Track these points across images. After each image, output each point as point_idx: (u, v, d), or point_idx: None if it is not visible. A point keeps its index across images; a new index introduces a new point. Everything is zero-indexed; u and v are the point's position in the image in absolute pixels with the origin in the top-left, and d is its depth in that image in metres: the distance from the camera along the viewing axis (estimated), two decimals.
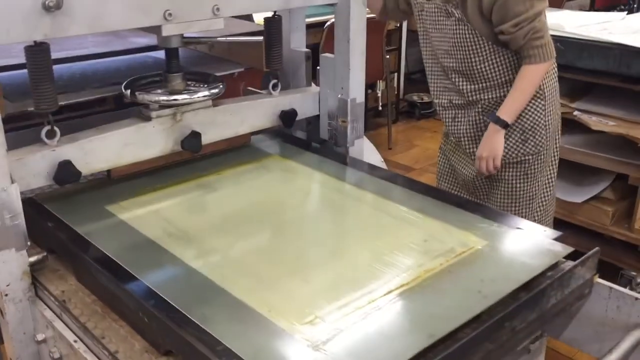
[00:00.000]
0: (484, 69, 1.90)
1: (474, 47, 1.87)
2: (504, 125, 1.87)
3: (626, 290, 1.25)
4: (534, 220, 1.67)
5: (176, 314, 0.96)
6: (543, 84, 1.94)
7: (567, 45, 2.69)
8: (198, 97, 1.46)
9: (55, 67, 1.22)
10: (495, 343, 1.00)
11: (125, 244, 1.20)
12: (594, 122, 2.72)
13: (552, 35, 1.93)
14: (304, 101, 1.69)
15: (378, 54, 4.28)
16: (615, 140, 2.73)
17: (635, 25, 2.85)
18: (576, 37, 2.70)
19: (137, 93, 1.42)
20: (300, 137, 1.79)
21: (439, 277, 1.09)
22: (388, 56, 4.63)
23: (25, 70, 1.22)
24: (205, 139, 1.49)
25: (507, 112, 1.86)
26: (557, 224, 3.02)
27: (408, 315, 1.01)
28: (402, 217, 1.33)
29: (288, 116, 1.66)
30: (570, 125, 2.81)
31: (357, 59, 1.60)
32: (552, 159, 2.10)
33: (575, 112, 2.79)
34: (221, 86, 1.51)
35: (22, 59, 1.21)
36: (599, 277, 1.26)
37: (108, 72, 1.63)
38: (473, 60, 1.89)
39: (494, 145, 1.89)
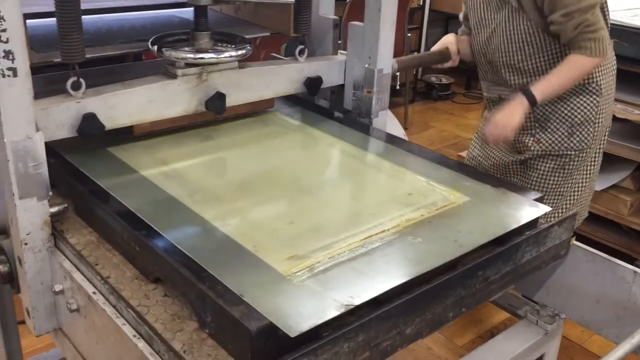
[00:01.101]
0: (535, 62, 1.85)
1: (527, 39, 1.82)
2: (532, 100, 1.81)
3: None
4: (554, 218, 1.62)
5: (167, 244, 1.02)
6: (600, 80, 1.89)
7: None
8: (225, 57, 1.43)
9: (82, 19, 1.20)
10: (468, 290, 1.05)
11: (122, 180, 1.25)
12: (619, 110, 2.67)
13: None
14: (330, 69, 1.66)
15: (400, 31, 4.22)
16: (638, 129, 2.69)
17: None
18: None
19: (164, 49, 1.40)
20: (324, 106, 1.76)
21: (418, 226, 1.14)
22: (409, 34, 4.58)
23: (52, 20, 1.20)
24: (230, 101, 1.47)
25: (539, 89, 1.80)
26: None
27: (385, 257, 1.04)
28: (392, 174, 1.40)
29: (313, 83, 1.63)
30: None
31: (387, 28, 1.57)
32: (594, 160, 2.02)
33: None
34: (249, 47, 1.48)
35: (49, 7, 1.19)
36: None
37: (134, 28, 1.60)
38: (526, 51, 1.84)
39: (513, 116, 1.82)
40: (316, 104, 1.77)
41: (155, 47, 1.41)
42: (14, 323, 1.76)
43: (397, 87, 5.23)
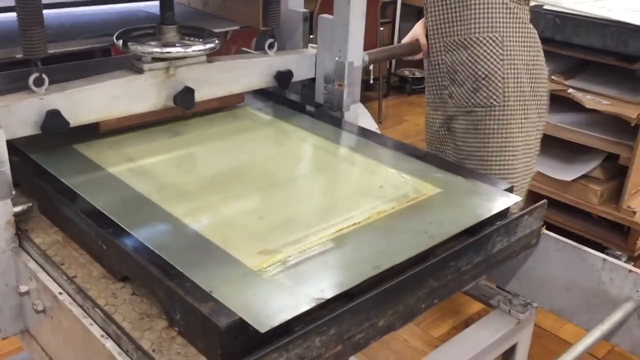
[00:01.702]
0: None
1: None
2: None
3: (620, 263, 1.25)
4: None
5: (134, 241, 1.01)
6: (502, 32, 1.90)
7: (564, 21, 2.67)
8: (193, 51, 1.41)
9: (45, 14, 1.17)
10: (440, 281, 1.05)
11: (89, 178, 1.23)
12: (588, 101, 2.71)
13: (548, 10, 1.91)
14: (300, 62, 1.65)
15: (372, 25, 4.23)
16: (608, 119, 2.73)
17: (633, 3, 2.82)
18: (573, 13, 2.67)
19: (129, 44, 1.37)
20: (295, 100, 1.75)
21: (389, 218, 1.14)
22: (382, 28, 4.58)
23: (12, 15, 1.17)
24: (199, 96, 1.44)
25: None
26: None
27: (355, 250, 1.05)
28: (363, 166, 1.40)
29: (283, 77, 1.62)
30: (563, 103, 2.81)
31: (357, 21, 1.56)
32: (512, 122, 1.97)
33: (570, 90, 2.78)
34: (217, 41, 1.46)
35: (9, 1, 1.15)
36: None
37: (98, 23, 1.57)
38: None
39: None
40: (287, 97, 1.75)
41: (121, 42, 1.39)
42: None
43: (371, 81, 5.24)
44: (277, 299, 0.90)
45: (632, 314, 1.24)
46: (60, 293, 1.03)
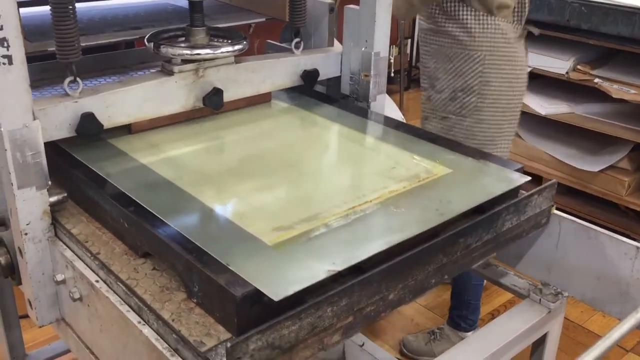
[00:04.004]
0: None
1: None
2: None
3: None
4: None
5: (155, 219, 1.04)
6: (485, 50, 1.94)
7: (591, 10, 2.63)
8: (221, 53, 1.42)
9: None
10: (449, 257, 1.07)
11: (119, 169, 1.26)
12: (615, 90, 2.67)
13: (574, 0, 1.92)
14: (326, 61, 1.66)
15: (393, 18, 4.21)
16: (636, 109, 2.69)
17: None
18: (600, 1, 2.64)
19: (161, 47, 1.39)
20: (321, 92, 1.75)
21: (400, 197, 1.17)
22: (403, 21, 4.56)
23: (43, 9, 1.19)
24: (227, 96, 1.46)
25: None
26: (572, 192, 3.00)
27: (368, 227, 1.08)
28: (377, 149, 1.44)
29: (310, 76, 1.63)
30: (590, 93, 2.77)
31: (384, 10, 1.56)
32: (491, 134, 2.02)
33: (596, 80, 2.74)
34: (245, 42, 1.47)
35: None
36: None
37: (127, 17, 1.59)
38: None
39: None
40: (313, 89, 1.76)
41: (152, 44, 1.40)
42: (15, 315, 1.76)
43: (392, 74, 5.22)
44: (291, 271, 0.94)
45: None
46: (97, 281, 1.04)
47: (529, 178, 1.23)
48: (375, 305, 0.97)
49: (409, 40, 5.07)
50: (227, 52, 1.44)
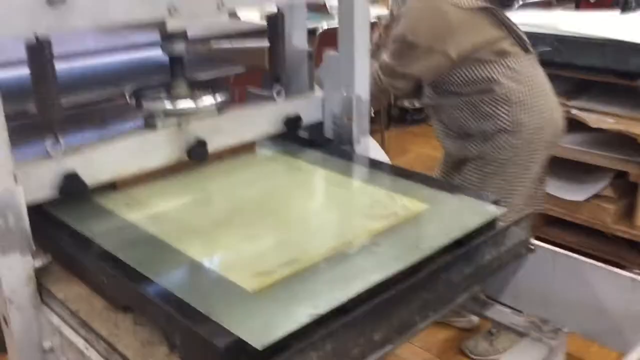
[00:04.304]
0: None
1: None
2: None
3: None
4: None
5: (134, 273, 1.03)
6: (507, 89, 2.01)
7: (563, 44, 2.69)
8: (204, 105, 1.42)
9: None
10: (432, 293, 1.07)
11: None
12: (593, 120, 2.71)
13: (546, 35, 2.03)
14: (308, 106, 1.66)
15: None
16: (614, 137, 2.73)
17: (630, 23, 2.85)
18: (572, 35, 2.70)
19: (143, 102, 1.39)
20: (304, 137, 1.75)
21: (379, 235, 1.17)
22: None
23: (23, 72, 1.18)
24: (211, 147, 1.45)
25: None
26: (559, 222, 3.01)
27: (347, 267, 1.08)
28: (354, 188, 1.48)
29: (292, 122, 1.63)
30: (568, 124, 2.80)
31: (362, 54, 1.58)
32: (519, 171, 2.12)
33: (573, 111, 2.78)
34: (227, 93, 1.48)
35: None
36: None
37: (108, 73, 1.59)
38: None
39: None
40: (297, 134, 1.75)
41: (134, 100, 1.40)
42: None
43: (373, 114, 5.23)
44: (273, 317, 0.93)
45: None
46: (87, 348, 1.01)
47: (506, 209, 1.24)
48: (362, 347, 0.96)
49: None
50: (210, 104, 1.44)
